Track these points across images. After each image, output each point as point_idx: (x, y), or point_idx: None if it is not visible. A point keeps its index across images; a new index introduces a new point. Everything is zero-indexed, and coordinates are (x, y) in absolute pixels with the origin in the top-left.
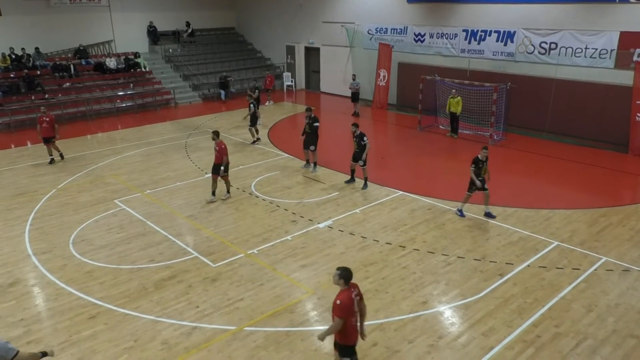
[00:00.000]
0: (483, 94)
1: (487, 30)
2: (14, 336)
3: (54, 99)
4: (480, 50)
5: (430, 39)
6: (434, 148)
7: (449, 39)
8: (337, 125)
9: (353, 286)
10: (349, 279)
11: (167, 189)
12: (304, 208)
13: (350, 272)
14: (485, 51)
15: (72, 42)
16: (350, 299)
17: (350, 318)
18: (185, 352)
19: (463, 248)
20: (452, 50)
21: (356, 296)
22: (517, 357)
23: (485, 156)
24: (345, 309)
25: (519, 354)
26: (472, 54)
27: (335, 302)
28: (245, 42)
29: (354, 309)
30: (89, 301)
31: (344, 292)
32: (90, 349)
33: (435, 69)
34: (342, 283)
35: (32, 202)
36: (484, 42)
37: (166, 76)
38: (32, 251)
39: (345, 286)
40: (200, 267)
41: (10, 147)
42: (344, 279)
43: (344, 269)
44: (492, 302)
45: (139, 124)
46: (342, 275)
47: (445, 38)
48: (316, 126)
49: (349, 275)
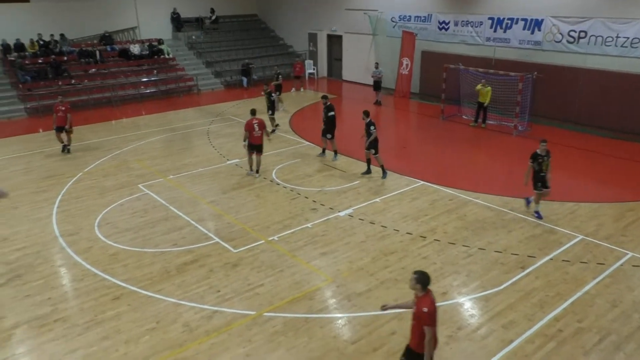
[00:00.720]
0: (508, 83)
1: (514, 18)
2: (41, 314)
3: (80, 84)
4: (506, 38)
5: (455, 27)
6: (457, 138)
7: (474, 27)
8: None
9: (430, 291)
10: (427, 284)
11: (190, 174)
12: (325, 196)
13: (428, 277)
14: (511, 39)
15: (97, 29)
16: (434, 305)
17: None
18: (205, 335)
19: (484, 240)
20: (477, 39)
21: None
22: (538, 350)
23: (545, 150)
24: (434, 315)
25: (540, 348)
26: (498, 42)
27: (421, 311)
28: (268, 29)
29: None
30: (113, 282)
31: (426, 298)
32: (115, 328)
33: (459, 58)
34: (420, 288)
35: (59, 185)
36: (510, 30)
37: (189, 63)
38: (59, 233)
39: (423, 292)
40: (222, 253)
41: (38, 132)
42: (421, 284)
43: (422, 273)
44: (513, 295)
45: (163, 110)
46: (419, 279)
47: (471, 26)
48: (332, 115)
49: (426, 280)
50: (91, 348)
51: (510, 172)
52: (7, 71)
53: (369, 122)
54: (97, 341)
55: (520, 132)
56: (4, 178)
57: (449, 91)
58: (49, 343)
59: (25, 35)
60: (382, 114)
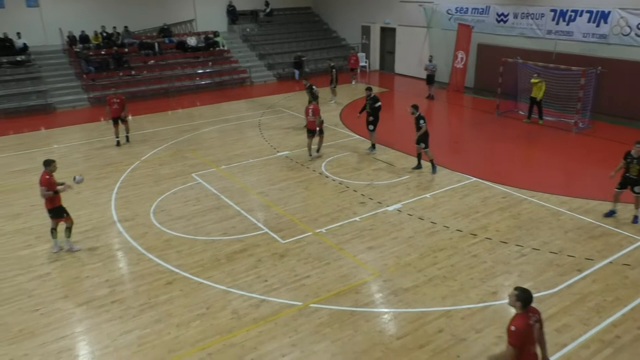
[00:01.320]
0: (569, 78)
1: (578, 10)
2: (100, 295)
3: (140, 75)
4: (569, 31)
5: (514, 19)
6: (512, 134)
7: (534, 19)
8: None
9: (532, 311)
10: (529, 302)
11: (241, 165)
12: (373, 190)
13: (530, 295)
14: (574, 32)
15: (157, 21)
16: (528, 326)
17: (528, 346)
18: (253, 323)
19: (539, 240)
20: (538, 32)
21: (535, 322)
22: (593, 356)
23: (639, 153)
24: (520, 336)
25: (595, 354)
26: (560, 35)
27: (510, 328)
28: (321, 21)
29: (533, 336)
30: (167, 268)
31: (521, 317)
32: (167, 312)
33: (517, 51)
34: (520, 306)
35: (117, 172)
36: (574, 22)
37: (243, 55)
38: (117, 218)
39: (522, 310)
40: (270, 243)
41: (99, 120)
42: (522, 301)
43: (523, 290)
44: (567, 298)
45: (216, 101)
46: (520, 297)
47: (531, 18)
48: (377, 106)
49: (529, 298)
50: (145, 330)
51: (569, 171)
52: (72, 62)
53: (418, 116)
54: (150, 324)
55: (580, 129)
56: (68, 164)
57: (505, 86)
58: (106, 323)
59: (90, 28)
60: (435, 109)
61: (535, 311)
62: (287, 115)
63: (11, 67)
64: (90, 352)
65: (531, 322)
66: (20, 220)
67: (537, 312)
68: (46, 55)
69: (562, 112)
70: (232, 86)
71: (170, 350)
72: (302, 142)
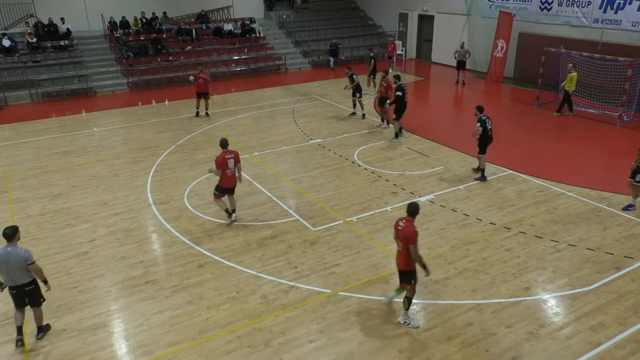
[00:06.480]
0: (615, 69)
1: None
2: (134, 275)
3: (177, 61)
4: (617, 20)
5: (559, 7)
6: (552, 126)
7: (580, 6)
8: (446, 98)
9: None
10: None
11: (274, 152)
12: (406, 180)
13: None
14: (622, 21)
15: (195, 7)
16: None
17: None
18: (282, 309)
19: (576, 236)
20: (583, 20)
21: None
22: (629, 357)
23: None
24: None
25: (631, 354)
26: (607, 24)
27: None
28: (358, 9)
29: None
30: (199, 251)
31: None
32: (198, 294)
33: (561, 41)
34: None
35: (154, 156)
36: (623, 11)
37: (278, 42)
38: (152, 201)
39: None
40: (301, 230)
41: (137, 105)
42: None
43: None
44: (604, 296)
45: (251, 87)
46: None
47: (576, 6)
48: (398, 95)
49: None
50: (177, 310)
51: (611, 166)
52: (112, 47)
53: (479, 119)
54: (182, 305)
55: (625, 122)
56: (107, 147)
57: (546, 76)
58: (140, 302)
59: (130, 13)
60: (471, 98)
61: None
62: (321, 103)
63: (55, 51)
64: (125, 330)
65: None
66: (61, 200)
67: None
68: (88, 40)
69: (606, 104)
70: (267, 73)
71: (200, 332)
72: (335, 130)
